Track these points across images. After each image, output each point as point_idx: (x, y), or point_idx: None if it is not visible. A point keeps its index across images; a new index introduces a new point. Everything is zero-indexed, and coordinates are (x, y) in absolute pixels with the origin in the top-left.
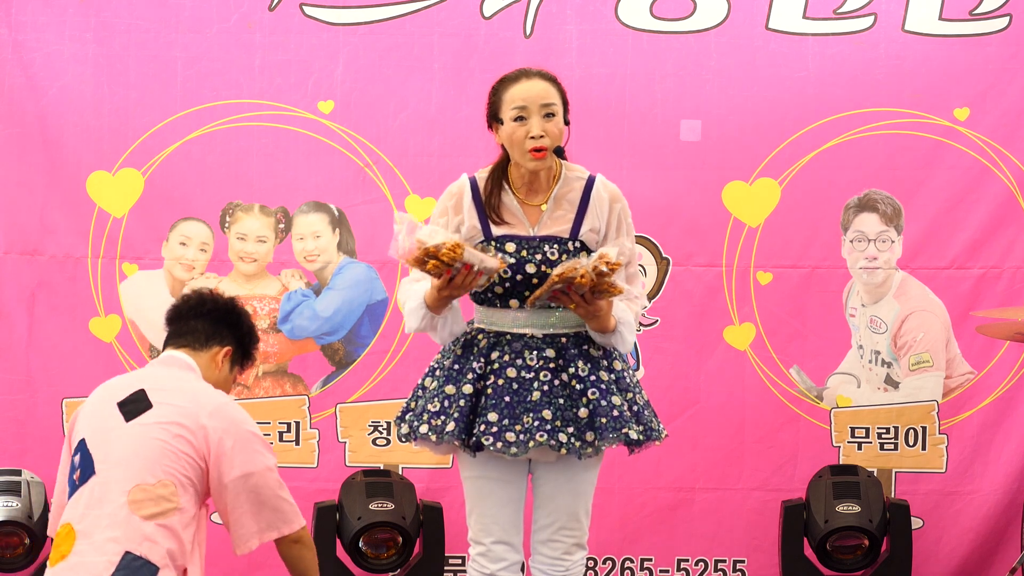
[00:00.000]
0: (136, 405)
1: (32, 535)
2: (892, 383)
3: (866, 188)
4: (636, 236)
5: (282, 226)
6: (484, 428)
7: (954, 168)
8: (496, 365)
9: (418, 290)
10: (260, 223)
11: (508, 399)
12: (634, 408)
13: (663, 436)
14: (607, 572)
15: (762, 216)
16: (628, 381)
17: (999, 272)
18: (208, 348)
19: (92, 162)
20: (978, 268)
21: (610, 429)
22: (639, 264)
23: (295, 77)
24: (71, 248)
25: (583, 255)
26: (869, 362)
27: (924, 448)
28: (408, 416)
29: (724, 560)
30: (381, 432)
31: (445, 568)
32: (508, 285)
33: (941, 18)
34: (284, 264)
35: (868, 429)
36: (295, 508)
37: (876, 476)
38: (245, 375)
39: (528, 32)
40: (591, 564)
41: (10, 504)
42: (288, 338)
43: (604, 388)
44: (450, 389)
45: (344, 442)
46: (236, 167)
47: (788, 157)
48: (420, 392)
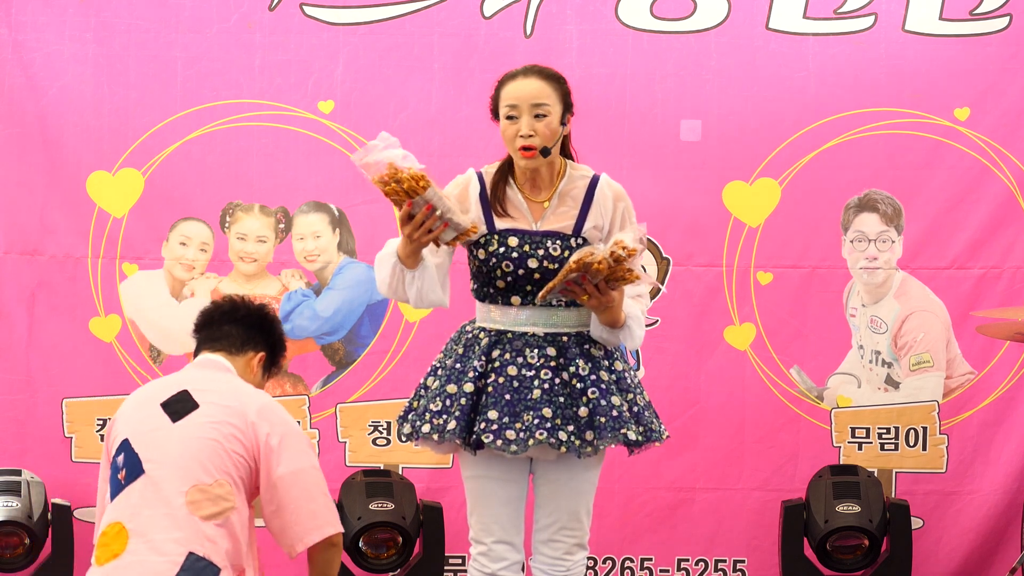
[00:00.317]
0: (182, 405)
1: (32, 535)
2: (892, 383)
3: (866, 188)
4: None
5: (282, 226)
6: (484, 426)
7: (954, 168)
8: (497, 363)
9: (391, 243)
10: (260, 223)
11: (508, 397)
12: (634, 409)
13: (664, 437)
14: (607, 572)
15: (762, 216)
16: (629, 382)
17: (999, 272)
18: (243, 353)
19: (92, 162)
20: (978, 268)
21: (609, 429)
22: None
23: (295, 77)
24: (71, 248)
25: (597, 244)
26: (869, 362)
27: (925, 448)
28: (411, 416)
29: (724, 560)
30: (381, 432)
31: (445, 568)
32: (510, 280)
33: (941, 18)
34: (284, 264)
35: (868, 429)
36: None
37: (876, 476)
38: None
39: (528, 32)
40: (591, 564)
41: (10, 504)
42: (288, 338)
43: (604, 388)
44: (451, 388)
45: (344, 442)
46: (236, 167)
47: (788, 157)
48: (422, 392)
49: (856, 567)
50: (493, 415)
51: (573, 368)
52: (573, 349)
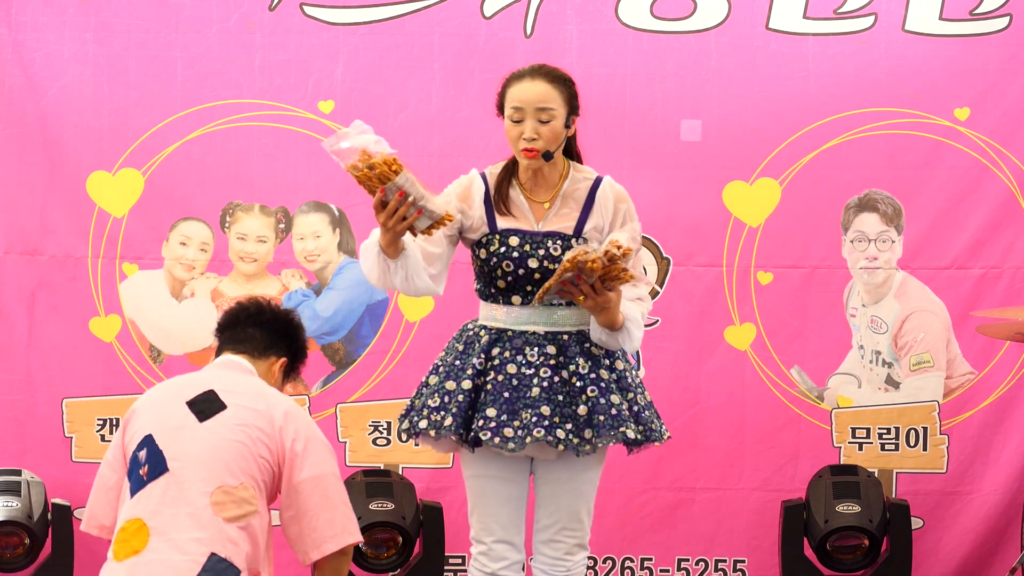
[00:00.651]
0: (209, 405)
1: (32, 535)
2: (893, 383)
3: (866, 188)
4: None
5: (282, 226)
6: (482, 423)
7: (954, 168)
8: (497, 361)
9: (375, 232)
10: (260, 223)
11: (507, 395)
12: (634, 408)
13: (665, 437)
14: (607, 572)
15: (763, 216)
16: (630, 381)
17: (999, 272)
18: (266, 357)
19: (92, 162)
20: (978, 268)
21: (607, 427)
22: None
23: (295, 77)
24: (71, 248)
25: (592, 243)
26: (870, 362)
27: (925, 449)
28: (411, 413)
29: (724, 560)
30: (381, 432)
31: (445, 568)
32: (511, 279)
33: (941, 18)
34: (284, 264)
35: (869, 429)
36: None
37: (877, 476)
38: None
39: (528, 32)
40: (591, 564)
41: (10, 504)
42: None
43: (604, 386)
44: (450, 385)
45: (344, 442)
46: (236, 167)
47: (788, 157)
48: (423, 389)
49: (856, 567)
50: (491, 413)
51: (573, 366)
52: (573, 347)
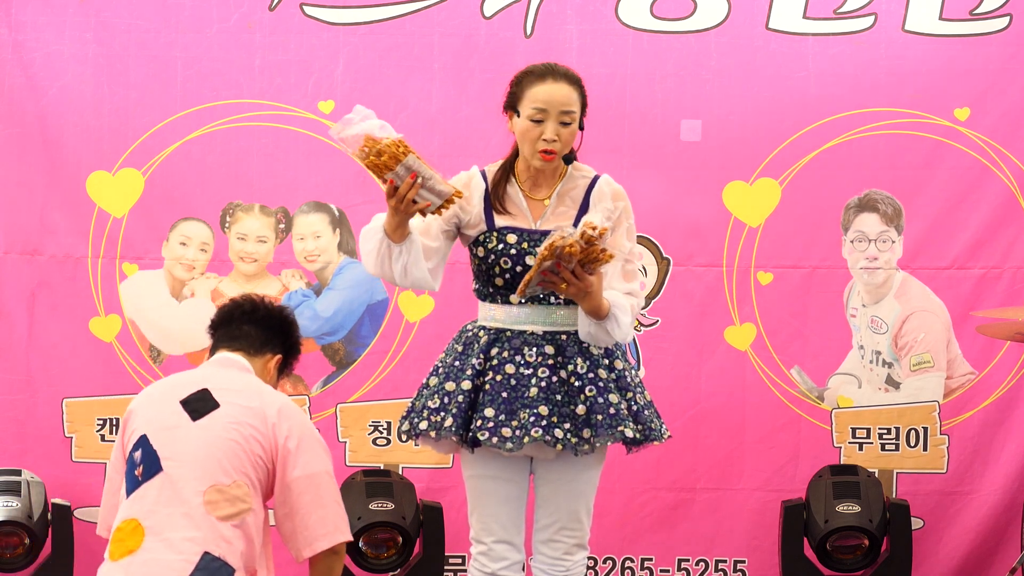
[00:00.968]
0: (202, 404)
1: (32, 535)
2: (893, 383)
3: (866, 188)
4: (637, 236)
5: (282, 226)
6: (481, 423)
7: (954, 168)
8: (495, 361)
9: (377, 217)
10: (260, 223)
11: (505, 395)
12: (633, 407)
13: (665, 437)
14: (607, 572)
15: (762, 216)
16: (629, 380)
17: (999, 272)
18: (262, 354)
19: (92, 162)
20: (979, 268)
21: (605, 426)
22: (640, 265)
23: (295, 77)
24: (71, 248)
25: (567, 228)
26: (870, 362)
27: (925, 449)
28: (411, 414)
29: (724, 560)
30: (381, 432)
31: (445, 568)
32: (508, 278)
33: (941, 18)
34: (284, 264)
35: (869, 430)
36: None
37: (877, 477)
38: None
39: (528, 32)
40: (591, 564)
41: (10, 504)
42: None
43: (602, 386)
44: (450, 386)
45: (344, 442)
46: (236, 167)
47: (788, 157)
48: (424, 391)
49: (856, 567)
50: (490, 413)
51: (571, 366)
52: (572, 347)
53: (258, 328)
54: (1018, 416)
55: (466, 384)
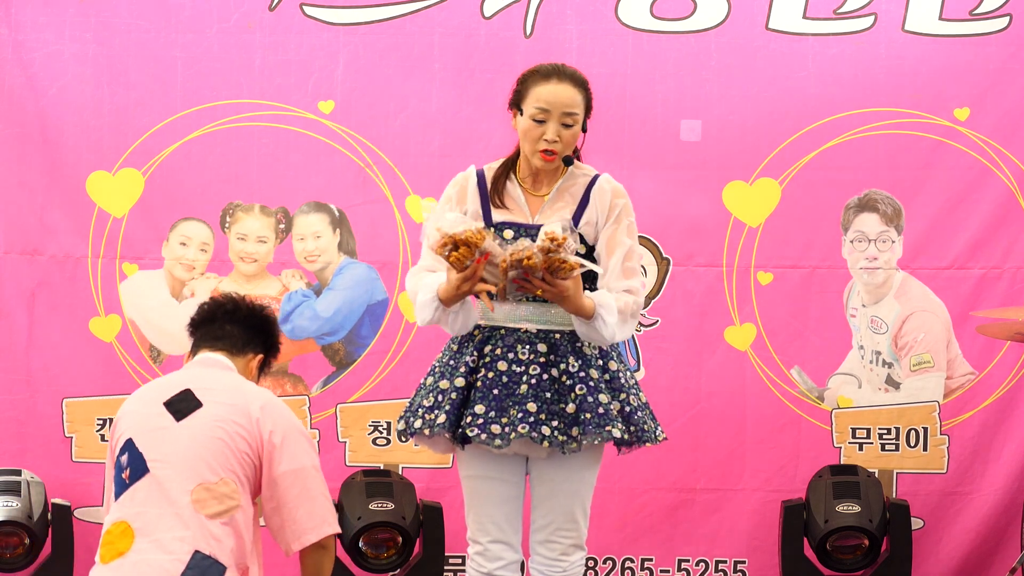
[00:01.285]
0: (185, 404)
1: (32, 535)
2: (893, 384)
3: (866, 188)
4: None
5: (282, 226)
6: (471, 420)
7: (954, 168)
8: (488, 358)
9: (431, 283)
10: (260, 223)
11: (496, 392)
12: (626, 409)
13: (659, 439)
14: (607, 572)
15: (762, 216)
16: (623, 381)
17: (999, 272)
18: (244, 354)
19: (92, 162)
20: (979, 268)
21: (594, 425)
22: (641, 264)
23: (295, 77)
24: (71, 248)
25: (525, 239)
26: (870, 363)
27: (925, 449)
28: (407, 413)
29: (725, 560)
30: (381, 432)
31: (445, 568)
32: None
33: (941, 18)
34: (284, 264)
35: (869, 430)
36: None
37: (877, 477)
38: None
39: (528, 32)
40: (591, 564)
41: (10, 504)
42: (289, 338)
43: (593, 385)
44: (444, 384)
45: (344, 442)
46: (236, 167)
47: (788, 157)
48: (420, 389)
49: (856, 567)
50: (480, 409)
51: (564, 364)
52: (565, 346)
53: (240, 328)
54: (1018, 416)
55: (459, 381)
